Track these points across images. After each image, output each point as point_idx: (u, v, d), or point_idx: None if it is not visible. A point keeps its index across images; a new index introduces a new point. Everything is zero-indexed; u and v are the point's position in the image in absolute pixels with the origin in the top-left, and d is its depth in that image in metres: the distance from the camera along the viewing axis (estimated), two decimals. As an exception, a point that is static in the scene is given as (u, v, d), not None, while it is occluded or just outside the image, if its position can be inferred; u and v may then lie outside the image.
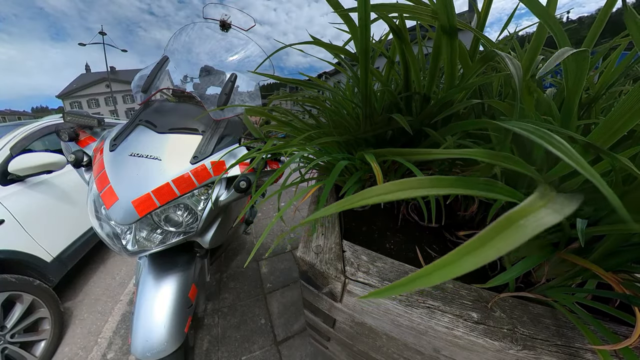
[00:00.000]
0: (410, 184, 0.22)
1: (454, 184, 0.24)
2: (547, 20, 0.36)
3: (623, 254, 0.39)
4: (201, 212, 0.82)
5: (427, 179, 0.23)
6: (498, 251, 0.13)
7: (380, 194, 0.22)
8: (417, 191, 0.22)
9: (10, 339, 1.22)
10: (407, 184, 0.22)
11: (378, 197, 0.22)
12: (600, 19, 0.41)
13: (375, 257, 0.52)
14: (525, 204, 0.17)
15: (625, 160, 0.28)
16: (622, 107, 0.31)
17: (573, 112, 0.40)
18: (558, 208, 0.18)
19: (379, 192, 0.22)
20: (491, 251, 0.14)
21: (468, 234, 0.63)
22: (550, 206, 0.17)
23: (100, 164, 0.78)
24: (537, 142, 0.24)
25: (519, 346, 0.37)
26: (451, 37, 0.44)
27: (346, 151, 0.71)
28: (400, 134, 0.70)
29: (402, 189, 0.22)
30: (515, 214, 0.16)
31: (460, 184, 0.24)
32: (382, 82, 0.68)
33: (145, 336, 0.78)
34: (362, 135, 0.68)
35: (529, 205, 0.17)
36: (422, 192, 0.22)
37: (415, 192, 0.22)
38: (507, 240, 0.14)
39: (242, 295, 1.63)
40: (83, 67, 49.31)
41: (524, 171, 0.30)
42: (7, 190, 1.39)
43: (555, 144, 0.23)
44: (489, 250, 0.14)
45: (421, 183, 0.22)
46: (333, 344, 0.78)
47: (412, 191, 0.22)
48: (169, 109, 0.99)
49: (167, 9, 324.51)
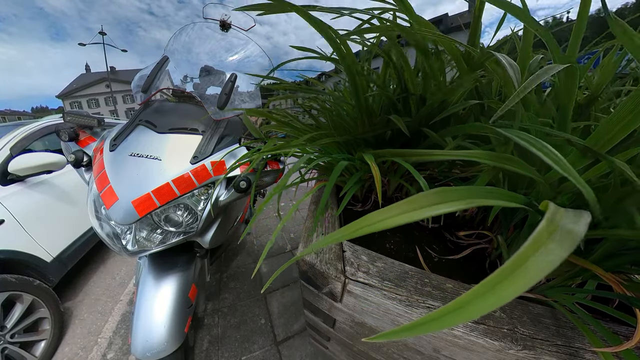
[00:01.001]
0: (418, 202, 0.21)
1: (461, 196, 0.23)
2: (531, 25, 0.36)
3: (623, 256, 0.39)
4: (201, 212, 0.82)
5: (434, 194, 0.22)
6: (515, 292, 0.13)
7: (389, 217, 0.21)
8: (427, 211, 0.21)
9: (10, 339, 1.22)
10: (415, 203, 0.21)
11: (387, 221, 0.20)
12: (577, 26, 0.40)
13: (375, 257, 0.52)
14: (535, 236, 0.16)
15: (620, 164, 0.28)
16: (623, 110, 0.30)
17: (568, 114, 0.40)
18: (567, 236, 0.17)
19: (386, 216, 0.21)
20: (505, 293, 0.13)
21: (468, 233, 0.63)
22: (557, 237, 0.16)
23: (100, 164, 0.78)
24: (533, 152, 0.24)
25: (519, 346, 0.37)
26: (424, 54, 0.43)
27: (346, 151, 0.71)
28: (399, 134, 0.70)
29: (411, 209, 0.21)
30: (528, 250, 0.15)
31: (467, 194, 0.24)
32: (378, 85, 0.68)
33: (145, 336, 0.78)
34: (362, 136, 0.68)
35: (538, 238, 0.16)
36: (433, 211, 0.21)
37: (426, 212, 0.21)
38: (525, 279, 0.13)
39: (242, 295, 1.63)
40: (83, 67, 49.36)
41: (526, 173, 0.30)
42: (7, 190, 1.39)
43: (548, 153, 0.23)
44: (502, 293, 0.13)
45: (429, 200, 0.22)
46: (333, 344, 0.78)
47: (423, 211, 0.21)
48: (169, 109, 0.99)
49: (167, 9, 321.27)
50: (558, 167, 0.21)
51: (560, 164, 0.22)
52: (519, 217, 0.51)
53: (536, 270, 0.14)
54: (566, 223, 0.18)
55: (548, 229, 0.17)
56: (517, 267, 0.14)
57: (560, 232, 0.17)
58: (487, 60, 0.49)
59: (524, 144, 0.25)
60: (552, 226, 0.17)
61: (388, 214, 0.21)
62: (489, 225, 0.61)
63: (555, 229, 0.17)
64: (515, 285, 0.13)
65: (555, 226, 0.17)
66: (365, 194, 0.78)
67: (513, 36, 0.69)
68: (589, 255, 0.41)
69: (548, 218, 0.18)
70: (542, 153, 0.23)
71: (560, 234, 0.17)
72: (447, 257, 0.57)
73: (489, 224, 0.59)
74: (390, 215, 0.21)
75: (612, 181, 0.34)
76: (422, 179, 0.48)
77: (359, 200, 0.77)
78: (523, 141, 0.25)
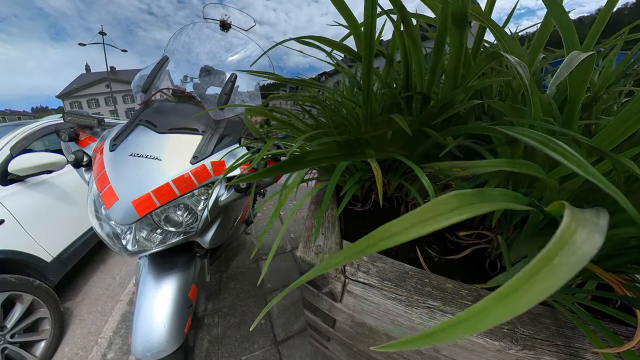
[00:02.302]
0: (438, 209, 0.19)
1: (474, 200, 0.21)
2: (558, 15, 0.36)
3: (623, 256, 0.39)
4: (201, 212, 0.82)
5: (452, 198, 0.20)
6: (540, 295, 0.12)
7: (399, 231, 0.18)
8: (449, 216, 0.19)
9: (10, 339, 1.22)
10: (428, 212, 0.19)
11: (397, 237, 0.18)
12: (601, 18, 0.41)
13: (375, 257, 0.52)
14: (560, 235, 0.15)
15: (627, 161, 0.28)
16: (630, 110, 0.31)
17: (576, 113, 0.40)
18: (591, 235, 0.16)
19: (404, 226, 0.19)
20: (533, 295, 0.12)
21: (468, 233, 0.63)
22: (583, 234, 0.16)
23: (100, 164, 0.78)
24: (550, 155, 0.23)
25: (519, 346, 0.37)
26: (461, 27, 0.42)
27: (346, 151, 0.70)
28: (400, 134, 0.70)
29: (432, 216, 0.19)
30: (552, 251, 0.14)
31: (479, 198, 0.22)
32: (382, 82, 0.68)
33: (145, 336, 0.78)
34: (363, 136, 0.68)
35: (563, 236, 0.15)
36: (456, 217, 0.19)
37: (448, 218, 0.19)
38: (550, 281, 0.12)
39: (242, 295, 1.63)
40: (83, 67, 49.34)
41: (536, 174, 0.30)
42: (7, 190, 1.39)
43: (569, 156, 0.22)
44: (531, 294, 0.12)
45: (449, 205, 0.20)
46: (333, 344, 0.78)
47: (445, 217, 0.19)
48: (169, 109, 0.99)
49: (167, 9, 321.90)
50: (581, 170, 0.21)
51: (583, 166, 0.21)
52: (519, 217, 0.51)
53: (566, 268, 0.13)
54: (588, 221, 0.17)
55: (571, 226, 0.16)
56: (544, 266, 0.13)
57: (584, 230, 0.16)
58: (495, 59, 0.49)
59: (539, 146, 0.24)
60: (574, 223, 0.16)
61: (406, 224, 0.19)
62: (489, 225, 0.61)
63: (578, 227, 0.16)
64: (544, 284, 0.12)
65: (577, 224, 0.16)
66: (365, 193, 0.78)
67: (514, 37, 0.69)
68: (589, 255, 0.41)
69: (570, 216, 0.17)
70: (564, 157, 0.23)
71: (586, 231, 0.16)
72: (447, 257, 0.57)
73: (492, 224, 0.59)
74: (409, 224, 0.18)
75: (615, 179, 0.34)
76: (425, 178, 0.48)
77: (359, 200, 0.77)
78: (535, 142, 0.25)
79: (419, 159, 0.58)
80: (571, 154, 0.22)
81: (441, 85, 0.72)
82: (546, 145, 0.24)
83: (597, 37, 0.42)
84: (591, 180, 0.21)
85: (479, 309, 0.13)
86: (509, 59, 0.34)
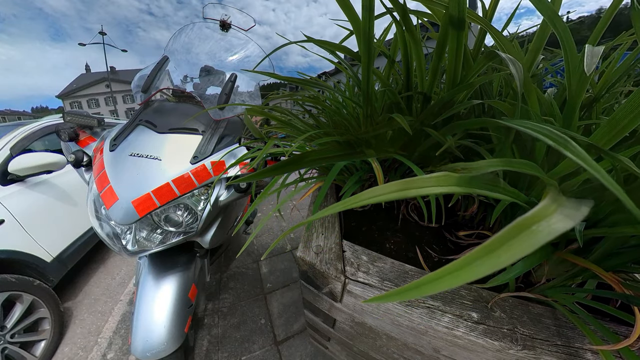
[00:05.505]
0: (414, 183, 0.22)
1: (458, 183, 0.24)
2: (552, 19, 0.36)
3: (623, 255, 0.39)
4: (201, 212, 0.82)
5: (431, 178, 0.23)
6: (511, 257, 0.13)
7: (384, 193, 0.22)
8: (422, 190, 0.22)
9: (10, 339, 1.22)
10: (411, 183, 0.22)
11: (382, 197, 0.21)
12: (605, 17, 0.41)
13: (375, 257, 0.52)
14: (538, 209, 0.16)
15: (626, 161, 0.28)
16: (626, 108, 0.31)
17: (575, 113, 0.40)
18: (570, 213, 0.17)
19: (382, 191, 0.22)
20: (504, 257, 0.13)
21: (468, 233, 0.63)
22: (562, 211, 0.17)
23: (100, 164, 0.78)
24: (551, 145, 0.23)
25: (519, 346, 0.37)
26: (459, 29, 0.43)
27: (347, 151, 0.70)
28: (400, 134, 0.70)
29: (406, 188, 0.22)
30: (528, 220, 0.15)
31: (464, 182, 0.24)
32: (383, 81, 0.68)
33: (145, 336, 0.78)
34: (363, 136, 0.68)
35: (542, 210, 0.16)
36: (427, 191, 0.22)
37: (420, 191, 0.22)
38: (521, 246, 0.13)
39: (242, 295, 1.63)
40: (83, 67, 49.36)
41: (540, 175, 0.30)
42: (7, 190, 1.39)
43: (572, 149, 0.22)
44: (502, 255, 0.13)
45: (425, 182, 0.22)
46: (333, 343, 0.78)
47: (417, 190, 0.22)
48: (169, 109, 0.99)
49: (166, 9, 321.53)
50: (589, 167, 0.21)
51: (584, 158, 0.21)
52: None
53: (541, 235, 0.14)
54: (569, 205, 0.18)
55: (552, 204, 0.17)
56: (524, 229, 0.14)
57: (568, 204, 0.18)
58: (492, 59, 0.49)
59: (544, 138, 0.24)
60: (555, 205, 0.17)
61: (387, 190, 0.22)
62: (489, 225, 0.61)
63: (563, 203, 0.18)
64: (524, 244, 0.13)
65: (559, 204, 0.18)
66: (365, 193, 0.78)
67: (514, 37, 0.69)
68: (589, 255, 0.41)
69: (552, 198, 0.18)
70: (564, 147, 0.23)
71: (569, 206, 0.17)
72: (447, 257, 0.57)
73: (491, 224, 0.59)
74: (389, 190, 0.22)
75: (614, 178, 0.34)
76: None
77: (359, 200, 0.77)
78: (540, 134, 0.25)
79: (418, 159, 0.58)
80: (572, 145, 0.22)
81: (442, 85, 0.72)
82: (547, 136, 0.24)
83: (599, 38, 0.42)
84: (591, 171, 0.21)
85: (467, 261, 0.13)
86: (503, 56, 0.34)
